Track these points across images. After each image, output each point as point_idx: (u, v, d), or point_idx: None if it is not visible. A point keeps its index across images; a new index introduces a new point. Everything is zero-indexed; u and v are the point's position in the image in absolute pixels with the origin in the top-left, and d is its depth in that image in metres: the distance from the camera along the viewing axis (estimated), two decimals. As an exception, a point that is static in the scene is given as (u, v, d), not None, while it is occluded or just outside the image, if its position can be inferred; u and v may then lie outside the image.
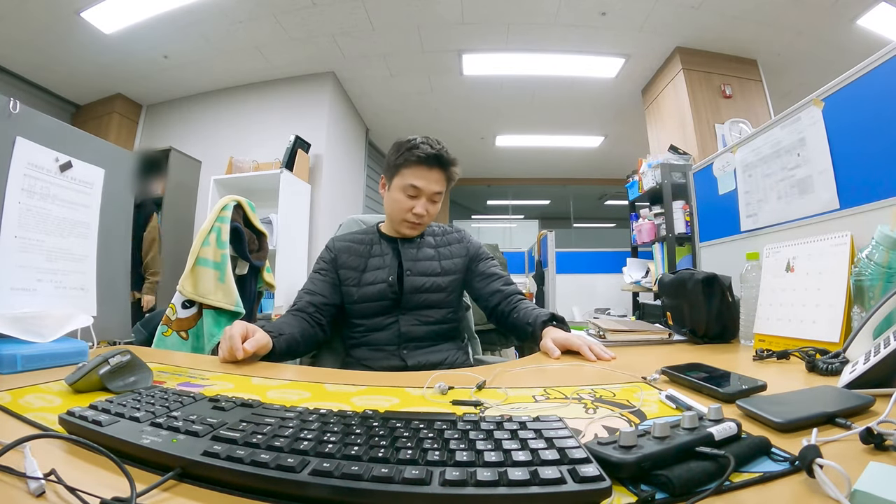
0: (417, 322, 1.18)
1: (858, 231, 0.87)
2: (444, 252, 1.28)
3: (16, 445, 0.34)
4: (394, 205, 1.19)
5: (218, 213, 1.34)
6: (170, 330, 1.26)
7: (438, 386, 0.63)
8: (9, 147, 0.88)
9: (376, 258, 1.23)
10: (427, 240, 1.29)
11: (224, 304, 1.29)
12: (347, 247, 1.25)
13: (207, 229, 1.32)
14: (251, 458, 0.33)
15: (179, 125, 4.24)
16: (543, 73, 4.01)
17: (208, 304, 1.28)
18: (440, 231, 1.34)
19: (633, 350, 1.00)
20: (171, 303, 1.29)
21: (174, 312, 1.28)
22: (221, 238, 1.32)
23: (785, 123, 1.11)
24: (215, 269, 1.29)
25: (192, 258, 1.28)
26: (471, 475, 0.31)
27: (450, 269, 1.25)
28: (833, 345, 0.83)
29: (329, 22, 3.33)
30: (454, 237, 1.33)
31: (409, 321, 1.18)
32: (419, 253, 1.25)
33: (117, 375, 0.59)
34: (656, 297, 2.63)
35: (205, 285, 1.28)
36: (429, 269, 1.22)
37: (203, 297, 1.27)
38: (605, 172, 6.40)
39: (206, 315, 1.29)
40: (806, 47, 3.43)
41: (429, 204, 1.19)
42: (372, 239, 1.27)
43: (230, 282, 1.31)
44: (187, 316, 1.28)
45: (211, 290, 1.28)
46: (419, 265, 1.22)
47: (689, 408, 0.52)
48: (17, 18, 3.04)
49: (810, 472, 0.32)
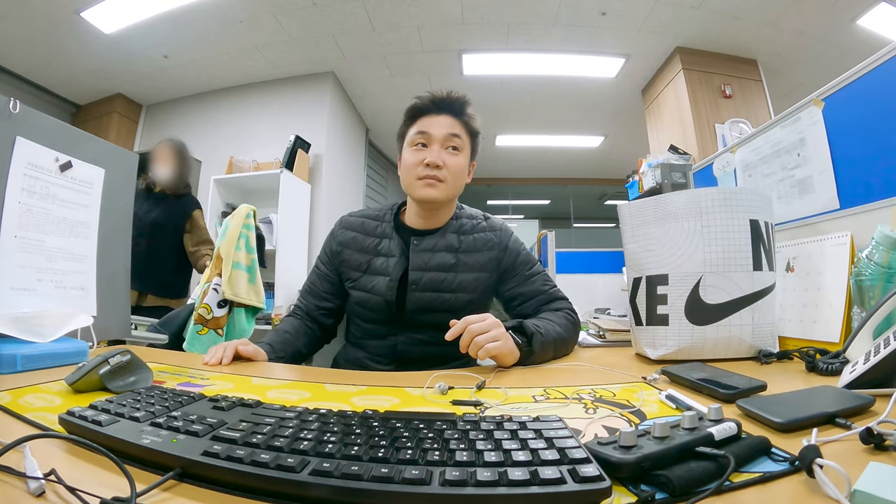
0: (417, 342, 1.00)
1: (858, 231, 0.87)
2: (467, 261, 1.01)
3: (16, 445, 0.34)
4: (405, 169, 1.00)
5: (243, 220, 1.50)
6: (205, 328, 1.41)
7: (438, 386, 0.63)
8: (9, 147, 0.88)
9: (381, 259, 1.03)
10: (449, 238, 1.03)
11: (256, 303, 1.49)
12: (353, 238, 1.07)
13: (236, 236, 1.47)
14: (251, 457, 0.33)
15: (179, 125, 4.24)
16: (543, 73, 4.01)
17: (242, 303, 1.46)
18: (469, 226, 1.05)
19: (633, 350, 1.00)
20: (204, 303, 1.42)
21: (209, 312, 1.42)
22: (250, 244, 1.51)
23: (785, 123, 1.11)
24: (247, 272, 1.48)
25: (227, 264, 1.44)
26: (471, 475, 0.31)
27: (469, 285, 1.00)
28: (833, 345, 0.83)
29: (329, 22, 3.33)
30: (483, 238, 1.04)
31: (408, 341, 1.01)
32: (433, 259, 1.00)
33: (117, 375, 0.59)
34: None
35: (238, 287, 1.46)
36: (441, 283, 0.99)
37: (237, 296, 1.45)
38: (605, 172, 6.40)
39: (237, 313, 1.48)
40: (806, 47, 3.42)
41: (444, 153, 0.97)
42: (384, 230, 1.06)
43: (259, 283, 1.51)
44: (222, 315, 1.45)
45: (244, 290, 1.47)
46: (429, 277, 0.99)
47: (689, 408, 0.52)
48: (17, 18, 3.04)
49: (810, 472, 0.32)
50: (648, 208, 0.89)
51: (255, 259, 1.51)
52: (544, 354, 0.85)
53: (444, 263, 1.00)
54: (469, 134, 1.02)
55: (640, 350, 0.90)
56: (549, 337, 0.86)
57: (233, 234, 1.47)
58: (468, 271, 1.01)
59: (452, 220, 1.06)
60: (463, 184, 1.03)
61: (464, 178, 1.03)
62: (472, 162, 1.06)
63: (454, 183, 0.99)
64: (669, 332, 0.84)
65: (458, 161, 0.99)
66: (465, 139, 1.01)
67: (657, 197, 0.88)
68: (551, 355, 0.88)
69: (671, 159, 3.05)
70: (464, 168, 1.02)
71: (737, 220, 0.83)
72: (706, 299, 0.82)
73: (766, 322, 0.85)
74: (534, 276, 1.05)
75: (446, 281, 0.99)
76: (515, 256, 1.05)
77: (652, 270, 0.87)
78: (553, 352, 0.88)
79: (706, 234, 0.83)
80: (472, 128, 1.03)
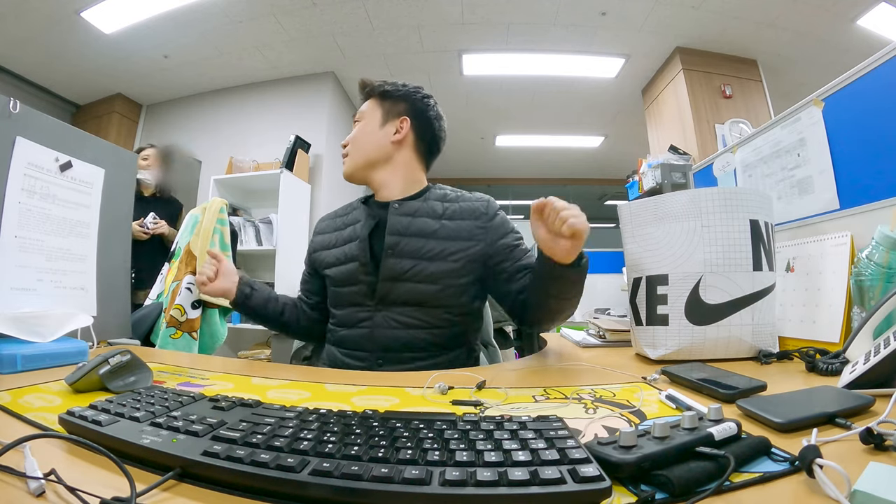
0: (397, 324, 0.90)
1: (858, 231, 0.87)
2: (451, 228, 0.93)
3: (16, 445, 0.34)
4: None
5: (216, 214, 1.39)
6: (179, 332, 1.30)
7: (438, 386, 0.63)
8: (9, 147, 0.88)
9: (349, 229, 1.00)
10: (432, 204, 0.96)
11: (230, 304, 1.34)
12: (325, 227, 1.08)
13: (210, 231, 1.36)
14: (251, 457, 0.33)
15: (179, 125, 4.24)
16: (543, 73, 4.01)
17: (216, 303, 1.35)
18: (454, 195, 1.00)
19: (633, 350, 1.00)
20: (176, 304, 1.31)
21: (183, 314, 1.31)
22: (224, 240, 1.40)
23: (785, 123, 1.11)
24: None
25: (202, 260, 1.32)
26: (471, 475, 0.31)
27: (454, 252, 0.91)
28: (833, 345, 0.83)
29: (329, 22, 3.33)
30: (470, 207, 0.96)
31: (386, 321, 0.91)
32: (413, 223, 0.93)
33: (117, 375, 0.59)
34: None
35: None
36: (421, 249, 0.90)
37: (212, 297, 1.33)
38: (605, 172, 6.40)
39: (210, 314, 1.36)
40: (806, 47, 3.42)
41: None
42: (353, 209, 1.04)
43: None
44: (196, 317, 1.33)
45: None
46: (407, 243, 0.91)
47: (689, 408, 0.52)
48: (17, 18, 3.03)
49: (810, 473, 0.32)
50: (648, 208, 0.89)
51: (229, 256, 1.42)
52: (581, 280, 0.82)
53: (426, 229, 0.92)
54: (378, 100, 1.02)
55: (640, 350, 0.90)
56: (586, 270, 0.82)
57: (206, 229, 1.37)
58: (452, 239, 0.92)
59: (434, 189, 1.02)
60: (375, 143, 0.99)
61: (370, 138, 0.99)
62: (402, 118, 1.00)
63: (358, 149, 1.00)
64: (669, 332, 0.84)
65: (357, 130, 1.01)
66: (371, 108, 1.01)
67: (657, 197, 0.88)
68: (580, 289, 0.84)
69: (671, 159, 3.05)
70: (367, 132, 1.00)
71: (737, 220, 0.83)
72: (706, 299, 0.82)
73: (766, 322, 0.85)
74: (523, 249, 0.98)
75: (427, 246, 0.91)
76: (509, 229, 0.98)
77: (652, 270, 0.87)
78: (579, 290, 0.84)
79: (706, 234, 0.83)
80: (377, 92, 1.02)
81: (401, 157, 1.00)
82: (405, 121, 1.00)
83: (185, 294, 1.32)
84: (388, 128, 1.00)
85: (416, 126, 1.01)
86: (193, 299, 1.33)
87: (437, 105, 1.07)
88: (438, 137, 1.05)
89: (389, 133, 1.00)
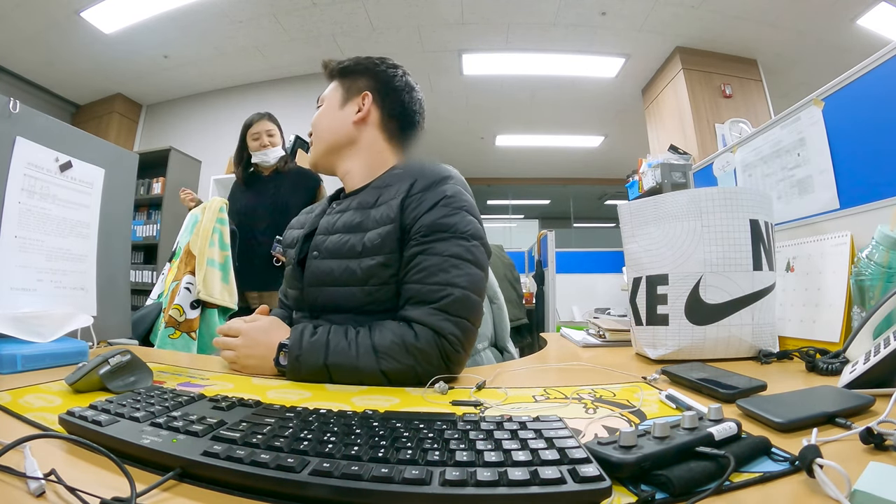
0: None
1: (858, 231, 0.87)
2: (375, 216, 0.76)
3: (16, 445, 0.34)
4: None
5: (216, 213, 1.39)
6: (178, 332, 1.29)
7: (438, 386, 0.63)
8: (9, 147, 0.88)
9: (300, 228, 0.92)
10: (368, 193, 0.81)
11: (229, 304, 1.35)
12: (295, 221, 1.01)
13: (209, 230, 1.35)
14: (251, 458, 0.33)
15: (179, 125, 4.24)
16: (543, 73, 4.01)
17: (215, 303, 1.33)
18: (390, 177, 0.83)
19: (633, 350, 1.00)
20: (175, 304, 1.30)
21: (182, 314, 1.29)
22: (224, 240, 1.39)
23: (785, 123, 1.11)
24: (220, 269, 1.36)
25: (201, 261, 1.32)
26: (471, 475, 0.31)
27: (374, 245, 0.74)
28: (833, 345, 0.83)
29: (329, 22, 3.34)
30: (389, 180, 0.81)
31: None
32: (341, 219, 0.80)
33: (117, 375, 0.59)
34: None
35: (213, 286, 1.33)
36: (343, 247, 0.76)
37: (212, 297, 1.32)
38: (605, 172, 6.40)
39: (209, 314, 1.34)
40: (806, 47, 3.43)
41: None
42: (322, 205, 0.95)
43: (232, 282, 1.38)
44: (195, 317, 1.32)
45: (218, 290, 1.34)
46: (332, 241, 0.78)
47: (689, 408, 0.52)
48: (17, 18, 3.04)
49: (810, 472, 0.32)
50: (648, 208, 0.89)
51: (228, 256, 1.40)
52: (315, 366, 0.67)
53: (350, 223, 0.78)
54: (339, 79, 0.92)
55: (640, 350, 0.90)
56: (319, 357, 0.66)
57: (206, 228, 1.36)
58: (374, 227, 0.75)
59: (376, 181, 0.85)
60: (334, 126, 0.89)
61: (328, 121, 0.90)
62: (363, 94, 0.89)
63: (317, 135, 0.90)
64: (669, 331, 0.84)
65: (319, 114, 0.91)
66: (332, 89, 0.92)
67: (657, 197, 0.88)
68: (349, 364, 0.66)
69: (671, 159, 3.05)
70: (326, 114, 0.90)
71: (737, 220, 0.83)
72: (706, 299, 0.82)
73: (766, 322, 0.85)
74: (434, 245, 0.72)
75: (349, 243, 0.76)
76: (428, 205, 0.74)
77: (652, 270, 0.87)
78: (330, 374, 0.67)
79: (706, 234, 0.83)
80: (336, 70, 0.93)
81: (365, 139, 0.88)
82: (366, 96, 0.88)
83: (183, 294, 1.31)
84: (349, 108, 0.88)
85: (380, 101, 0.88)
86: (192, 299, 1.31)
87: (408, 75, 0.94)
88: (411, 111, 0.91)
89: (351, 113, 0.88)
